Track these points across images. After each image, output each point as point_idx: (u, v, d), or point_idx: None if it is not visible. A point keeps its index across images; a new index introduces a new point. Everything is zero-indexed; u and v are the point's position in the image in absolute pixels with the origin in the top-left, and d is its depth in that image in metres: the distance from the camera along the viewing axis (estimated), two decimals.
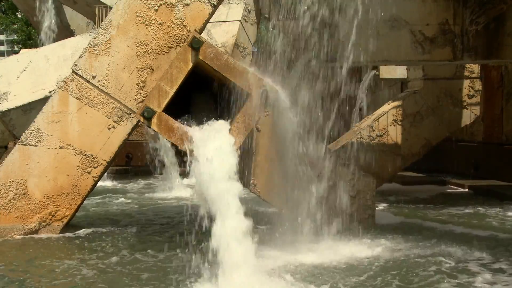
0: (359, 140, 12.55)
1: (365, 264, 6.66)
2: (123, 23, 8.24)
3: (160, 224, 9.33)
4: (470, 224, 9.37)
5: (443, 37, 9.42)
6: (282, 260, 6.71)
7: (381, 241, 7.71)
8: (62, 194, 8.33)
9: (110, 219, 9.75)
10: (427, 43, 9.41)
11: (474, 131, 15.69)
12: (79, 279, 6.12)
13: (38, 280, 6.12)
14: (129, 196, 12.79)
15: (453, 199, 12.07)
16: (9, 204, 8.22)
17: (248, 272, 5.70)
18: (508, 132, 14.39)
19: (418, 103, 12.91)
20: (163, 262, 6.79)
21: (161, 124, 7.12)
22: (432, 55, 9.50)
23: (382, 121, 12.76)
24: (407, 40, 9.39)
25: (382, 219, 9.22)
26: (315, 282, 5.86)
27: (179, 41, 8.16)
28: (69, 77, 8.41)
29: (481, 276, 6.13)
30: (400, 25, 9.31)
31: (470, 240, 7.95)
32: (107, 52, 8.27)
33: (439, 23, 9.42)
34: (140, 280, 6.06)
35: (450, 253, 7.09)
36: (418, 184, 14.55)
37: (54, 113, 8.34)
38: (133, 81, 8.27)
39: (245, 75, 7.09)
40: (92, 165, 8.34)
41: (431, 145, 13.07)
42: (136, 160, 17.51)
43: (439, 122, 12.95)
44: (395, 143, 12.79)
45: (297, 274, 6.14)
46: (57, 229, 8.31)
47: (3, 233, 8.13)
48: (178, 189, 13.64)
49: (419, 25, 9.40)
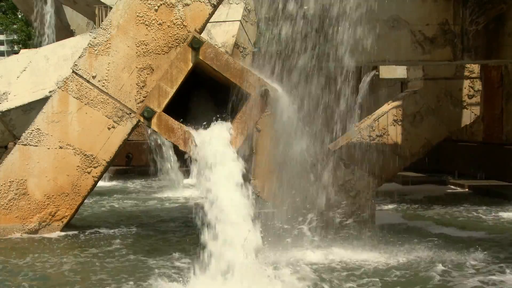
0: (359, 140, 12.54)
1: (365, 264, 6.66)
2: (123, 23, 8.24)
3: (160, 224, 9.33)
4: (470, 224, 9.37)
5: (443, 37, 9.41)
6: (282, 260, 6.71)
7: (380, 241, 7.71)
8: (62, 194, 8.33)
9: (110, 219, 9.75)
10: (427, 43, 9.40)
11: (474, 131, 15.68)
12: (79, 279, 6.12)
13: (38, 280, 6.12)
14: (129, 196, 12.79)
15: (453, 199, 12.07)
16: (9, 204, 8.22)
17: (250, 272, 5.71)
18: (508, 132, 14.39)
19: (418, 103, 12.90)
20: (163, 261, 6.79)
21: (161, 124, 7.12)
22: (432, 55, 9.50)
23: (382, 121, 12.75)
24: (407, 40, 9.38)
25: (382, 219, 9.22)
26: (314, 282, 5.86)
27: (179, 41, 8.16)
28: (69, 77, 8.41)
29: (481, 276, 6.13)
30: (400, 25, 9.31)
31: (470, 240, 7.96)
32: (107, 52, 8.27)
33: (439, 23, 9.41)
34: (140, 279, 6.06)
35: (450, 253, 7.10)
36: (418, 184, 14.54)
37: (54, 113, 8.34)
38: (133, 81, 8.27)
39: (245, 75, 7.09)
40: (92, 165, 8.34)
41: (431, 145, 13.06)
42: (136, 160, 17.51)
43: (439, 122, 12.94)
44: (395, 143, 12.78)
45: (297, 274, 6.14)
46: (57, 229, 8.31)
47: (3, 233, 8.13)
48: (178, 189, 13.64)
49: (419, 25, 9.39)
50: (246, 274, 5.60)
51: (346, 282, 5.94)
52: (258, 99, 7.01)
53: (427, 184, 14.62)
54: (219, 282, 5.60)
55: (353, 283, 5.95)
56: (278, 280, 5.68)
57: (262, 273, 5.72)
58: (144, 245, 7.69)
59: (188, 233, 8.29)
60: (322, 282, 5.90)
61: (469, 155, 15.63)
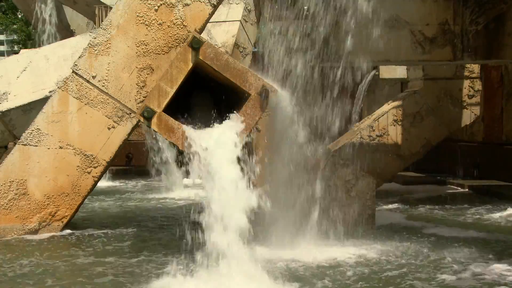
0: (359, 140, 12.55)
1: (364, 264, 6.66)
2: (123, 23, 8.24)
3: (160, 224, 9.33)
4: (470, 225, 9.38)
5: (443, 37, 9.41)
6: (282, 260, 6.72)
7: (380, 241, 7.71)
8: (62, 194, 8.33)
9: (110, 219, 9.75)
10: (427, 43, 9.41)
11: (474, 131, 15.69)
12: (79, 279, 6.12)
13: (38, 279, 6.12)
14: (129, 196, 12.80)
15: (453, 199, 12.07)
16: (9, 204, 8.22)
17: (249, 272, 5.72)
18: (508, 132, 14.39)
19: (418, 103, 12.91)
20: (162, 261, 6.79)
21: (161, 124, 7.12)
22: (432, 55, 9.50)
23: (382, 121, 12.76)
24: (407, 40, 9.38)
25: (382, 219, 9.22)
26: (313, 282, 5.86)
27: (179, 41, 8.16)
28: (69, 77, 8.41)
29: (481, 276, 6.13)
30: (400, 25, 9.31)
31: (469, 240, 7.96)
32: (107, 52, 8.27)
33: (439, 23, 9.41)
34: (139, 279, 6.06)
35: (450, 253, 7.10)
36: (418, 184, 14.55)
37: (54, 113, 8.34)
38: (133, 81, 8.27)
39: (245, 75, 7.09)
40: (92, 165, 8.34)
41: (431, 145, 13.07)
42: (136, 160, 17.51)
43: (439, 122, 12.95)
44: (395, 143, 12.79)
45: (296, 274, 6.15)
46: (57, 229, 8.31)
47: (3, 233, 8.13)
48: (178, 189, 13.64)
49: (419, 25, 9.40)
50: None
51: (340, 280, 5.95)
52: (258, 99, 7.01)
53: (427, 184, 14.63)
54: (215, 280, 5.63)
55: (351, 282, 5.95)
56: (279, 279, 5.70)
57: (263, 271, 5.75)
58: (145, 245, 7.69)
59: (189, 232, 8.28)
60: (313, 279, 5.92)
61: (469, 155, 15.63)
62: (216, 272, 5.75)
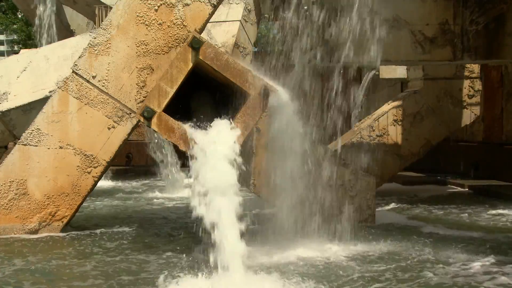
0: (359, 140, 12.56)
1: (364, 264, 6.66)
2: (123, 23, 8.24)
3: (160, 224, 9.33)
4: (470, 224, 9.38)
5: (443, 37, 9.43)
6: (283, 260, 6.72)
7: (380, 241, 7.71)
8: (62, 194, 8.33)
9: (110, 219, 9.75)
10: (427, 43, 9.42)
11: (474, 131, 15.70)
12: (78, 279, 6.12)
13: (37, 279, 6.12)
14: (129, 196, 12.80)
15: (453, 199, 12.07)
16: (9, 204, 8.22)
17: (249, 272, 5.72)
18: (508, 132, 14.40)
19: (418, 103, 12.92)
20: (162, 261, 6.79)
21: (161, 124, 7.12)
22: (432, 55, 9.51)
23: (382, 121, 12.77)
24: (407, 40, 9.39)
25: (382, 219, 9.23)
26: (315, 280, 5.87)
27: (179, 41, 8.16)
28: (69, 77, 8.41)
29: (480, 276, 6.13)
30: (400, 25, 9.32)
31: (469, 240, 7.96)
32: (107, 52, 8.27)
33: (439, 23, 9.43)
34: (139, 279, 6.07)
35: (450, 253, 7.10)
36: (418, 184, 14.56)
37: (54, 113, 8.34)
38: (133, 81, 8.27)
39: (245, 75, 7.09)
40: (92, 165, 8.34)
41: (431, 145, 13.08)
42: (136, 160, 17.52)
43: (439, 122, 12.96)
44: (395, 143, 12.80)
45: (296, 274, 6.15)
46: (57, 229, 8.31)
47: (3, 233, 8.13)
48: (178, 189, 13.64)
49: (419, 25, 9.41)
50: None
51: (340, 280, 5.95)
52: (258, 99, 7.01)
53: (427, 184, 14.64)
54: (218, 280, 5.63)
55: (349, 282, 5.95)
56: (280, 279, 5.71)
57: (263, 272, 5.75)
58: (144, 245, 7.69)
59: (188, 232, 8.29)
60: (323, 279, 5.92)
61: (469, 155, 15.64)
62: (216, 271, 5.75)
